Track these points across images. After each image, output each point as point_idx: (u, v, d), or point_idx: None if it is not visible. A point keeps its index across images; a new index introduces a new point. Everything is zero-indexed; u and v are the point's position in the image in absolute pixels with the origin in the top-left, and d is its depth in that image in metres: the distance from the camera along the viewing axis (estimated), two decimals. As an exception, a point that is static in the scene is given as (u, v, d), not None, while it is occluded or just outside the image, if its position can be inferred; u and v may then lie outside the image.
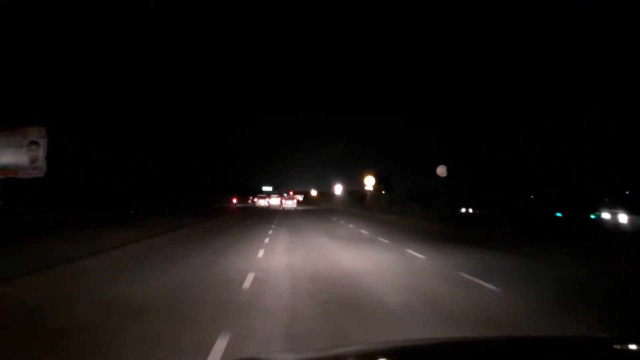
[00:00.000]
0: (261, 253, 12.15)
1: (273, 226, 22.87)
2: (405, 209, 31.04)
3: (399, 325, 5.52)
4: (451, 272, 9.41)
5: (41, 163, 25.34)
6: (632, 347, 1.97)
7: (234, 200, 76.95)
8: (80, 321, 5.41)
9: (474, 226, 21.83)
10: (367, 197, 45.95)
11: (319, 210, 51.80)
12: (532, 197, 31.77)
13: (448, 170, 25.16)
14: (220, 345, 4.47)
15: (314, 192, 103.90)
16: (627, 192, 27.79)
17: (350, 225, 24.58)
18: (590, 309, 6.55)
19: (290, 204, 65.35)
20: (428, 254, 12.38)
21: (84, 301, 6.49)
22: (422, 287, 7.90)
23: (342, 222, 27.87)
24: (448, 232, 19.25)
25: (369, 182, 44.48)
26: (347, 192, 69.09)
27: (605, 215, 23.68)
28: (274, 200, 74.83)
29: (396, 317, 5.87)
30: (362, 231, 20.70)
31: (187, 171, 51.75)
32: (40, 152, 25.35)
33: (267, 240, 15.85)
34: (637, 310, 6.75)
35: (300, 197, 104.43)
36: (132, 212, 29.29)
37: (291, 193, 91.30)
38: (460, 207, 33.02)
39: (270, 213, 41.78)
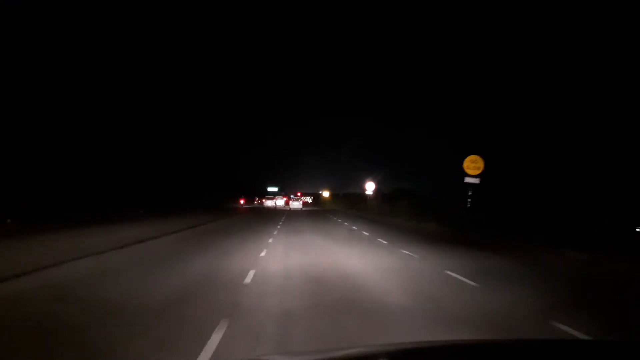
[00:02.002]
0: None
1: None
2: None
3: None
4: None
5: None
6: (633, 349, 1.99)
7: (242, 202, 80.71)
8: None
9: None
10: (470, 199, 20.60)
11: (331, 213, 48.23)
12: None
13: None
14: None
15: (325, 194, 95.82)
16: None
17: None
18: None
19: (296, 204, 71.12)
20: None
21: None
22: None
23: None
24: None
25: (474, 166, 20.07)
26: (388, 191, 49.71)
27: None
28: (281, 201, 79.63)
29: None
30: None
31: (187, 171, 50.07)
32: None
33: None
34: None
35: (309, 199, 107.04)
36: (8, 220, 20.08)
37: (299, 194, 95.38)
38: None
39: (276, 215, 41.55)
